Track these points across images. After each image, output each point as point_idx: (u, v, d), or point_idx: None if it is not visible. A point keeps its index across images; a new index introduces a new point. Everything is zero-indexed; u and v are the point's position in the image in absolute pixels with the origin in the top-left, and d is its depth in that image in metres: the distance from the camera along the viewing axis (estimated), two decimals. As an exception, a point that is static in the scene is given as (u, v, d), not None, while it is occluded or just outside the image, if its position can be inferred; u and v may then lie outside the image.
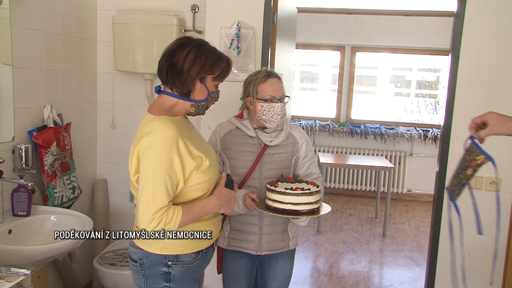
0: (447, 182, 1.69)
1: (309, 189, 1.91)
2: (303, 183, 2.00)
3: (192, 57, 1.63)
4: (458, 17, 2.61)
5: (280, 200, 1.88)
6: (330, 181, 6.54)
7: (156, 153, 1.54)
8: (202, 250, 1.74)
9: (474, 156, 1.55)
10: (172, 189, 1.58)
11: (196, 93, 1.67)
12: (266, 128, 2.08)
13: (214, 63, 1.66)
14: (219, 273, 2.26)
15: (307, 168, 2.18)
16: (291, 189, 1.89)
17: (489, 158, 1.52)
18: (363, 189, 6.53)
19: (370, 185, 6.51)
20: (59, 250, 2.10)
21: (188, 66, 1.62)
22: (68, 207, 2.74)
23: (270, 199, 1.92)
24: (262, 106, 2.00)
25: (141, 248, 1.69)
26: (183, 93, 1.65)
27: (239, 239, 2.13)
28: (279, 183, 1.98)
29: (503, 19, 2.55)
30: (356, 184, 6.53)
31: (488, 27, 2.60)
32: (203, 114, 1.77)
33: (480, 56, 2.62)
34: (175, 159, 1.57)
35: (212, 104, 1.76)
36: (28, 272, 1.59)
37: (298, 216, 1.90)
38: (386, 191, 5.29)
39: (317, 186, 1.96)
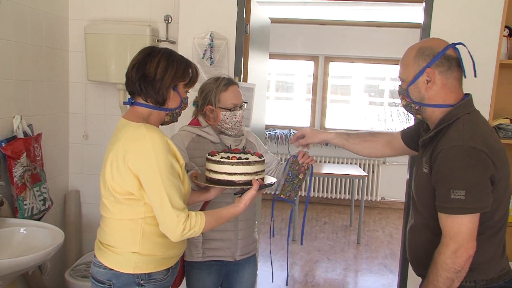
0: (279, 193, 1.98)
1: (247, 158, 1.73)
2: (248, 154, 1.82)
3: (163, 66, 1.61)
4: (425, 29, 2.70)
5: (215, 170, 1.72)
6: (305, 190, 6.59)
7: (158, 158, 1.51)
8: (171, 266, 1.72)
9: (300, 165, 2.01)
10: (182, 191, 1.57)
11: (170, 101, 1.66)
12: (226, 133, 2.08)
13: (185, 70, 1.67)
14: None
15: (271, 157, 2.24)
16: (227, 158, 1.73)
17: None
18: (338, 198, 6.60)
19: (344, 193, 6.59)
20: (28, 263, 2.06)
21: (161, 74, 1.61)
22: (39, 219, 2.69)
23: (207, 169, 1.76)
24: (225, 115, 2.01)
25: (111, 268, 1.62)
26: (158, 102, 1.63)
27: (214, 248, 2.11)
28: (222, 153, 1.83)
29: (467, 30, 2.65)
30: (331, 192, 6.59)
31: (453, 38, 2.68)
32: (177, 121, 1.78)
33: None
34: (174, 163, 1.56)
35: (183, 110, 1.76)
36: (-6, 286, 1.56)
37: (233, 186, 1.71)
38: (360, 199, 5.36)
39: (260, 157, 1.78)
